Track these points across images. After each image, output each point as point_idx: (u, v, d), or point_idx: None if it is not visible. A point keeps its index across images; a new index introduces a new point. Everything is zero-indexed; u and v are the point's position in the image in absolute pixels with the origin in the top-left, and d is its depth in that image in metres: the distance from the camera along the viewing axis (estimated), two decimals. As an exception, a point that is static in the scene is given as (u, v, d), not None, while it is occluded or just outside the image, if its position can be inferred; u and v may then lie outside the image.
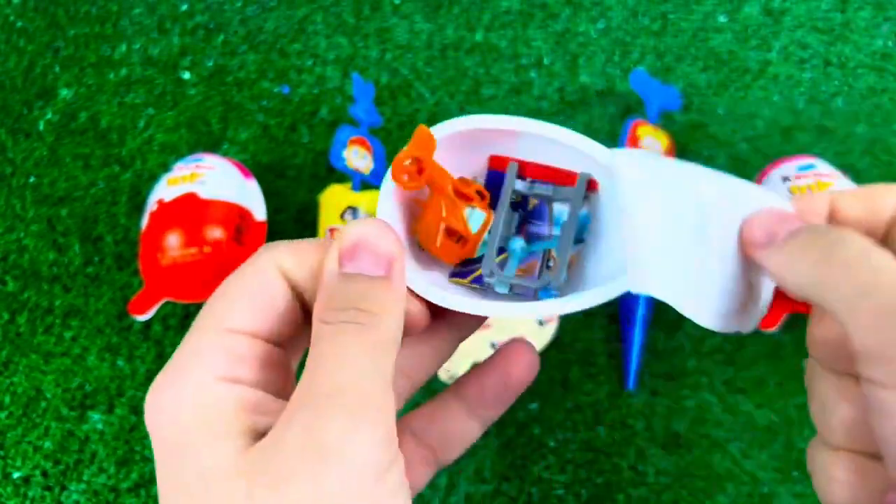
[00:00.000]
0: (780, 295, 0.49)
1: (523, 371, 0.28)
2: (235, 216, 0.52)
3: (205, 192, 0.52)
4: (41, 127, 0.64)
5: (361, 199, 0.54)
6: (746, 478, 0.47)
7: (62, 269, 0.58)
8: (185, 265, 0.50)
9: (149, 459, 0.50)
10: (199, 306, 0.54)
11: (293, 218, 0.59)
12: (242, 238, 0.52)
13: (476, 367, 0.29)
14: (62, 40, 0.69)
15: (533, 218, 0.29)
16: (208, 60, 0.67)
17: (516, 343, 0.28)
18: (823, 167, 0.51)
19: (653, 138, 0.55)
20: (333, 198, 0.55)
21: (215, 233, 0.51)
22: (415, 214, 0.29)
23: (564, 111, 0.62)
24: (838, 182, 0.50)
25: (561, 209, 0.28)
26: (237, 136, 0.63)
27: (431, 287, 0.26)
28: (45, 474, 0.50)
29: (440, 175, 0.27)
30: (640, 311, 0.51)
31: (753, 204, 0.25)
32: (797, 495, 0.46)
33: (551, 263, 0.28)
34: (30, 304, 0.57)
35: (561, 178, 0.28)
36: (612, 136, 0.60)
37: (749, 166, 0.58)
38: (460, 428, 0.28)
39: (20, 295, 0.57)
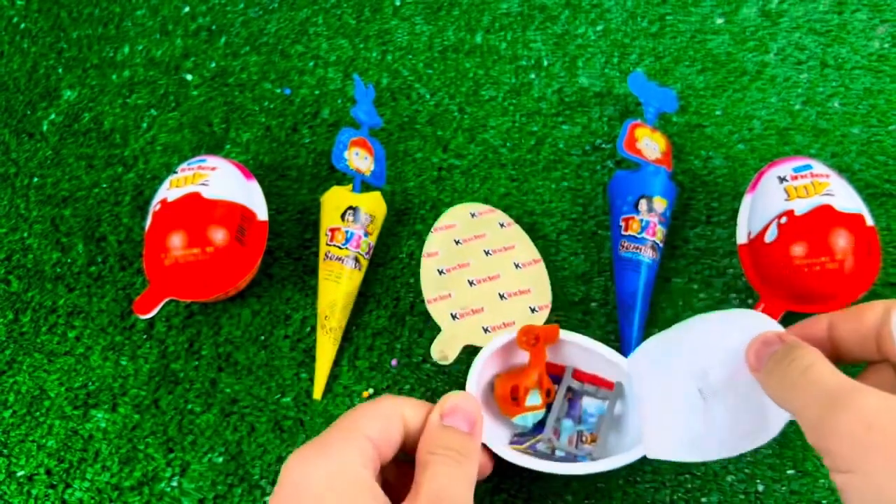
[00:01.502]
0: (776, 293, 0.49)
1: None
2: (238, 216, 0.52)
3: (207, 193, 0.52)
4: (45, 128, 0.65)
5: (362, 199, 0.55)
6: (742, 475, 0.47)
7: (66, 269, 0.58)
8: (188, 265, 0.50)
9: (152, 457, 0.50)
10: (201, 305, 0.55)
11: (295, 218, 0.59)
12: (245, 238, 0.52)
13: None
14: (65, 42, 0.69)
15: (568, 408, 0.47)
16: (211, 62, 0.67)
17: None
18: (819, 168, 0.51)
19: (650, 140, 0.56)
20: (335, 198, 0.55)
21: (218, 233, 0.51)
22: (500, 375, 0.46)
23: (563, 112, 0.62)
24: (834, 183, 0.50)
25: (588, 402, 0.46)
26: (239, 137, 0.63)
27: (504, 448, 0.42)
28: (48, 473, 0.51)
29: (540, 355, 0.45)
30: (638, 310, 0.51)
31: (750, 332, 0.33)
32: (794, 492, 0.46)
33: (584, 438, 0.45)
34: (33, 304, 0.57)
35: (598, 381, 0.47)
36: (610, 138, 0.61)
37: (746, 167, 0.58)
38: None
39: (24, 294, 0.58)
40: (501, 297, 0.51)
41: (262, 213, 0.55)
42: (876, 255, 0.49)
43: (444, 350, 0.48)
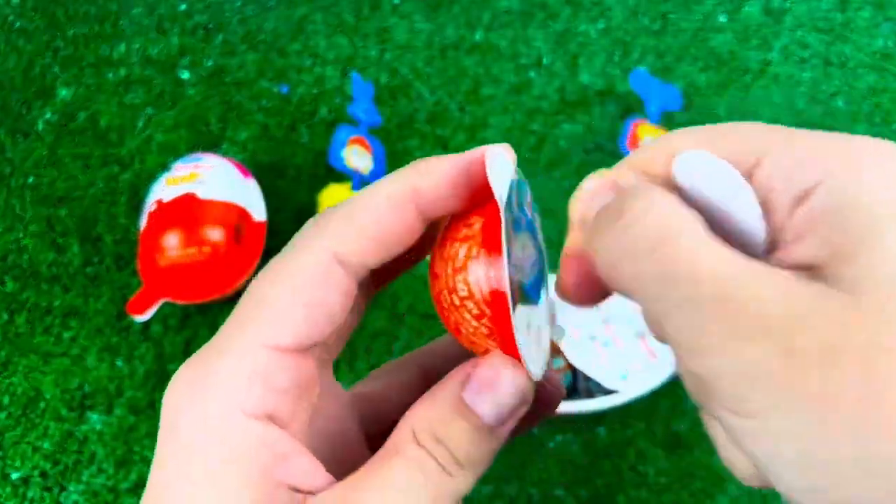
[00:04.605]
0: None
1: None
2: (234, 216, 0.52)
3: (204, 193, 0.52)
4: (40, 127, 0.64)
5: (361, 199, 0.54)
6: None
7: (61, 270, 0.58)
8: (184, 266, 0.50)
9: (148, 460, 0.50)
10: (198, 307, 0.54)
11: (292, 218, 0.58)
12: (241, 238, 0.52)
13: None
14: (61, 40, 0.69)
15: None
16: (207, 60, 0.66)
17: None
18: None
19: (653, 138, 0.55)
20: (333, 197, 0.54)
21: (214, 233, 0.50)
22: None
23: (564, 111, 0.62)
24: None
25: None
26: (236, 135, 0.62)
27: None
28: (44, 475, 0.50)
29: None
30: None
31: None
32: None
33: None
34: (29, 305, 0.57)
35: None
36: (612, 136, 0.60)
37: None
38: None
39: (19, 295, 0.57)
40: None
41: (259, 213, 0.54)
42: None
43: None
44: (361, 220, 0.20)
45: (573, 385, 0.48)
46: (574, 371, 0.48)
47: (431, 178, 0.20)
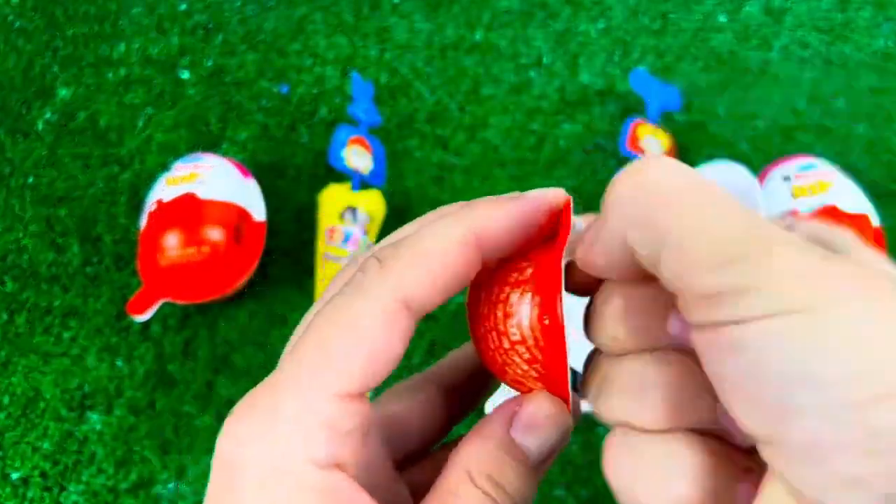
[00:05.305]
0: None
1: None
2: (234, 216, 0.52)
3: (203, 193, 0.51)
4: (40, 127, 0.64)
5: (361, 198, 0.54)
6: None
7: (61, 270, 0.58)
8: (184, 265, 0.50)
9: (148, 460, 0.50)
10: (198, 307, 0.54)
11: (292, 218, 0.58)
12: (241, 238, 0.52)
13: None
14: (61, 40, 0.69)
15: None
16: (207, 60, 0.66)
17: None
18: (824, 167, 0.51)
19: (653, 138, 0.55)
20: (333, 197, 0.54)
21: (214, 233, 0.50)
22: None
23: (564, 111, 0.62)
24: (838, 182, 0.49)
25: None
26: (236, 135, 0.62)
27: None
28: (43, 475, 0.50)
29: None
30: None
31: None
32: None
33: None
34: (28, 305, 0.57)
35: None
36: (611, 136, 0.60)
37: (750, 166, 0.58)
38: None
39: (19, 295, 0.57)
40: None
41: (259, 213, 0.54)
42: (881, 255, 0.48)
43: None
44: (431, 265, 0.19)
45: (573, 385, 0.48)
46: (574, 372, 0.48)
47: (498, 222, 0.20)
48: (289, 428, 0.18)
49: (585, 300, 0.22)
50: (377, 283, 0.19)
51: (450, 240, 0.19)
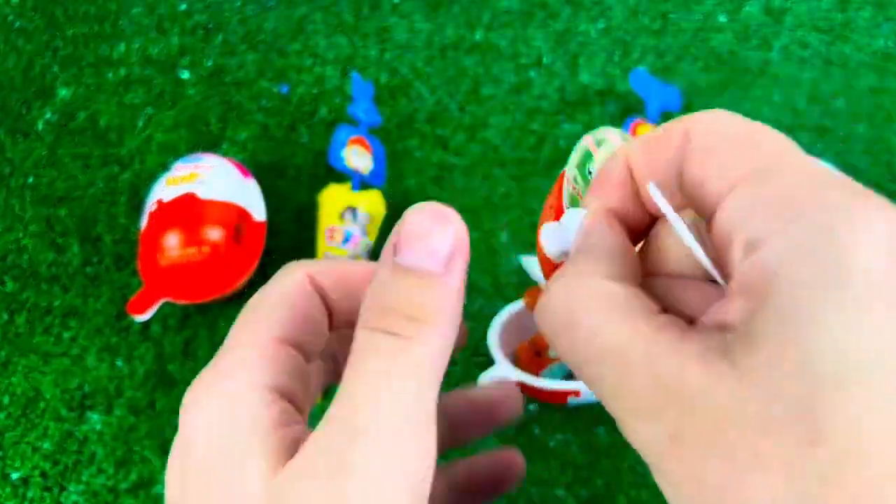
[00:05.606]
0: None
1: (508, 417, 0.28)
2: (234, 216, 0.52)
3: (204, 193, 0.51)
4: (40, 127, 0.64)
5: (361, 198, 0.54)
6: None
7: (61, 270, 0.58)
8: (184, 265, 0.50)
9: (148, 460, 0.50)
10: (198, 307, 0.54)
11: (292, 218, 0.58)
12: (241, 238, 0.52)
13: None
14: (61, 40, 0.69)
15: None
16: (207, 60, 0.66)
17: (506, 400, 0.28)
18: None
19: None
20: (333, 197, 0.54)
21: (214, 233, 0.50)
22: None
23: (564, 111, 0.62)
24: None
25: None
26: (236, 135, 0.62)
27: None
28: (43, 475, 0.50)
29: None
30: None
31: None
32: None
33: None
34: (28, 305, 0.57)
35: None
36: (612, 136, 0.60)
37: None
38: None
39: (19, 295, 0.57)
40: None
41: (259, 213, 0.54)
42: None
43: None
44: (333, 259, 0.25)
45: (571, 372, 0.48)
46: None
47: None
48: (237, 367, 0.20)
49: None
50: (291, 265, 0.24)
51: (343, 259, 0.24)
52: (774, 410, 0.13)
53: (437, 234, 0.19)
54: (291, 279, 0.23)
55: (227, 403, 0.19)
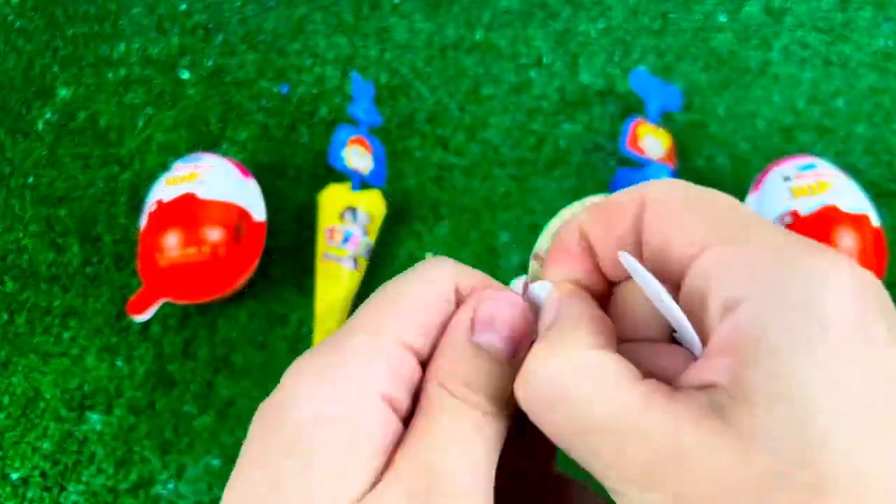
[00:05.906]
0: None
1: None
2: (234, 216, 0.52)
3: (203, 193, 0.51)
4: (40, 127, 0.64)
5: (361, 198, 0.54)
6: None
7: (61, 270, 0.58)
8: (184, 265, 0.50)
9: (147, 460, 0.50)
10: (198, 307, 0.54)
11: (292, 218, 0.58)
12: (241, 238, 0.52)
13: None
14: (61, 40, 0.69)
15: None
16: (207, 60, 0.66)
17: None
18: (824, 167, 0.51)
19: (653, 138, 0.55)
20: (333, 197, 0.54)
21: (214, 233, 0.50)
22: None
23: (564, 111, 0.62)
24: (838, 182, 0.49)
25: None
26: (236, 135, 0.62)
27: None
28: (43, 475, 0.50)
29: None
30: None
31: None
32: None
33: None
34: (28, 305, 0.57)
35: None
36: (612, 136, 0.60)
37: (749, 166, 0.58)
38: None
39: (19, 295, 0.57)
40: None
41: (259, 213, 0.54)
42: (882, 255, 0.48)
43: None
44: (472, 271, 0.22)
45: None
46: None
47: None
48: (353, 360, 0.19)
49: None
50: (437, 267, 0.21)
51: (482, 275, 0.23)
52: (778, 466, 0.14)
53: (505, 316, 0.20)
54: (440, 287, 0.21)
55: (344, 408, 0.19)
